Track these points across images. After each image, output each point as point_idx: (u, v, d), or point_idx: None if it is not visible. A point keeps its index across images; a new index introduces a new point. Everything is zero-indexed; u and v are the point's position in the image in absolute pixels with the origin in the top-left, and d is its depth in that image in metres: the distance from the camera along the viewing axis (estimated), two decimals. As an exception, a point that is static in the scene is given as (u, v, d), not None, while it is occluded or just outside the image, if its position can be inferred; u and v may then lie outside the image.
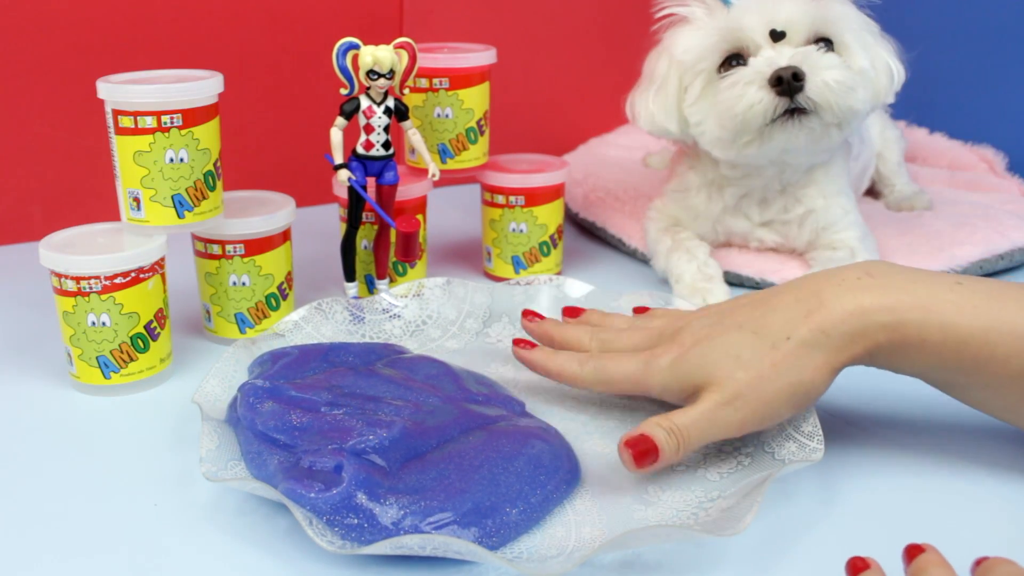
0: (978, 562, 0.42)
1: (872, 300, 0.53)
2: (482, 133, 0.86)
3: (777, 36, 0.77)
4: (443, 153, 0.85)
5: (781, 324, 0.54)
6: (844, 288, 0.54)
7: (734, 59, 0.79)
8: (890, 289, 0.54)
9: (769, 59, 0.76)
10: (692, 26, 0.82)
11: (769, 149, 0.78)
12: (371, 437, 0.54)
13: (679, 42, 0.82)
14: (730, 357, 0.54)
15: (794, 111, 0.76)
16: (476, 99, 0.84)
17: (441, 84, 0.83)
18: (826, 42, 0.79)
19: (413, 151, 0.85)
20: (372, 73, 0.72)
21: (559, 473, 0.54)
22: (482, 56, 0.84)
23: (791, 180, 0.84)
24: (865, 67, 0.79)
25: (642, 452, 0.53)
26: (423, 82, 0.83)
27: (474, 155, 0.86)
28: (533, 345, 0.65)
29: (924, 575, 0.42)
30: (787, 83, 0.74)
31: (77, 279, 0.64)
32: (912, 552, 0.44)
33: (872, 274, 0.55)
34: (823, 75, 0.75)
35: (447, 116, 0.83)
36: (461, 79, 0.83)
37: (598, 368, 0.60)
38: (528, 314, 0.68)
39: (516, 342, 0.65)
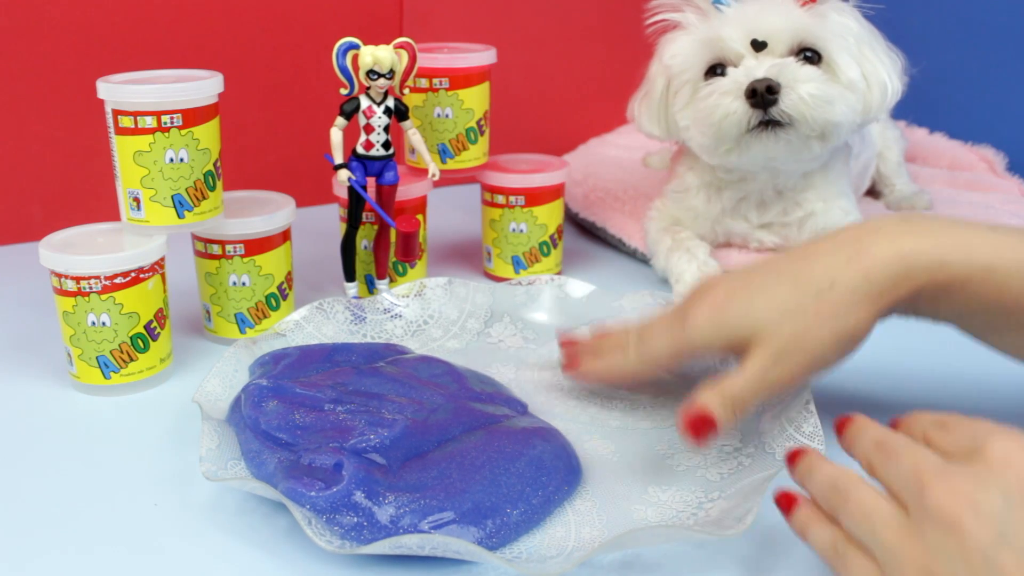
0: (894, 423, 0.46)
1: (913, 244, 0.53)
2: (482, 133, 0.86)
3: (758, 46, 0.77)
4: (443, 153, 0.85)
5: (822, 272, 0.54)
6: (883, 235, 0.54)
7: (718, 67, 0.79)
8: (929, 233, 0.54)
9: (748, 70, 0.77)
10: (684, 32, 0.82)
11: (749, 158, 0.79)
12: (372, 436, 0.54)
13: (669, 48, 0.83)
14: (773, 309, 0.54)
15: (769, 123, 0.76)
16: (476, 99, 0.84)
17: (441, 84, 0.83)
18: (813, 53, 0.78)
19: (413, 151, 0.84)
20: (372, 73, 0.72)
21: (561, 474, 0.54)
22: (482, 56, 0.84)
23: (787, 185, 0.84)
24: (853, 79, 0.78)
25: (699, 425, 0.53)
26: (423, 82, 0.83)
27: (474, 155, 0.86)
28: (577, 363, 0.65)
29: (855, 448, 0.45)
30: (761, 95, 0.74)
31: (77, 279, 0.64)
32: (842, 425, 0.46)
33: (910, 220, 0.55)
34: (799, 89, 0.75)
35: (447, 116, 0.84)
36: (461, 79, 0.83)
37: (640, 351, 0.60)
38: (566, 342, 0.66)
39: (565, 367, 0.65)
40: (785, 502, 0.46)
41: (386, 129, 0.75)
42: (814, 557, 0.50)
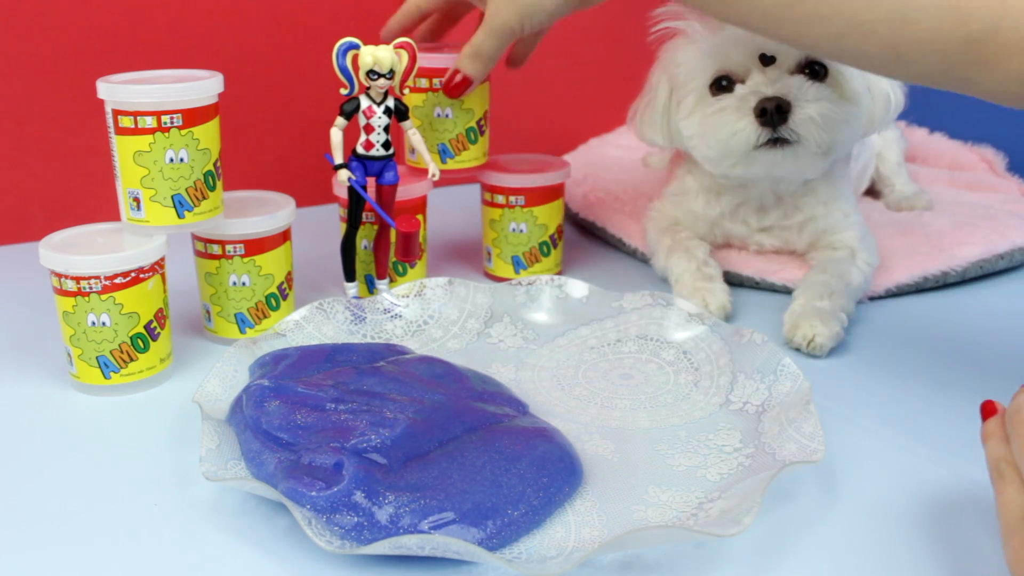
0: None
1: None
2: (482, 133, 0.86)
3: (767, 60, 0.77)
4: (443, 153, 0.85)
5: None
6: None
7: (723, 80, 0.79)
8: None
9: (755, 86, 0.76)
10: (688, 40, 0.82)
11: (755, 172, 0.79)
12: (372, 436, 0.54)
13: (673, 57, 0.83)
14: None
15: (777, 140, 0.76)
16: (476, 99, 0.84)
17: (441, 84, 0.83)
18: (820, 66, 0.78)
19: (413, 151, 0.84)
20: (372, 73, 0.72)
21: (562, 475, 0.54)
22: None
23: (787, 190, 0.84)
24: (859, 93, 0.78)
25: (456, 87, 0.76)
26: (423, 82, 0.83)
27: (474, 155, 0.86)
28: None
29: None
30: (771, 114, 0.74)
31: (77, 279, 0.64)
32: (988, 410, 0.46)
33: None
34: (808, 108, 0.75)
35: (447, 116, 0.83)
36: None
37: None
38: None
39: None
40: (986, 410, 0.46)
41: (386, 129, 0.75)
42: (814, 557, 0.50)
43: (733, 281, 0.86)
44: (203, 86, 0.67)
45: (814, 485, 0.56)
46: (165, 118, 0.66)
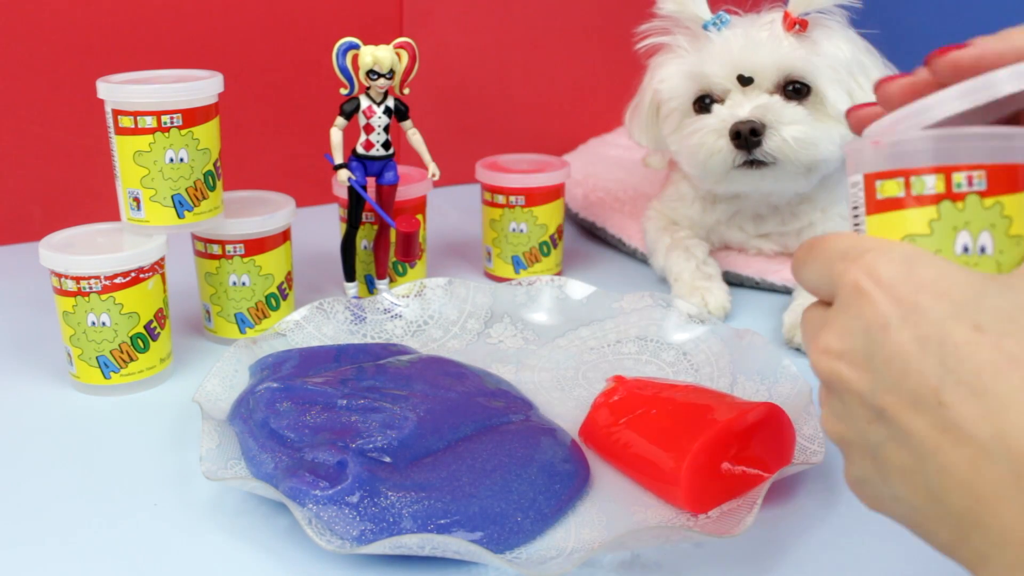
0: None
1: None
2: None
3: (745, 81, 0.77)
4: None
5: None
6: None
7: (706, 98, 0.79)
8: None
9: (733, 108, 0.76)
10: (673, 55, 0.82)
11: (738, 189, 0.80)
12: (379, 437, 0.53)
13: (658, 72, 0.83)
14: None
15: (754, 161, 0.76)
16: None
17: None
18: (801, 85, 0.77)
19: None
20: (372, 73, 0.72)
21: (574, 482, 0.54)
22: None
23: (782, 200, 0.84)
24: (842, 112, 0.77)
25: None
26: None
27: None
28: None
29: None
30: (744, 137, 0.74)
31: (77, 279, 0.64)
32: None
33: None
34: (783, 131, 0.74)
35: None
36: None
37: None
38: None
39: None
40: None
41: (386, 129, 0.75)
42: (813, 557, 0.50)
43: (733, 281, 0.86)
44: (203, 86, 0.67)
45: (814, 485, 0.56)
46: (165, 118, 0.66)
